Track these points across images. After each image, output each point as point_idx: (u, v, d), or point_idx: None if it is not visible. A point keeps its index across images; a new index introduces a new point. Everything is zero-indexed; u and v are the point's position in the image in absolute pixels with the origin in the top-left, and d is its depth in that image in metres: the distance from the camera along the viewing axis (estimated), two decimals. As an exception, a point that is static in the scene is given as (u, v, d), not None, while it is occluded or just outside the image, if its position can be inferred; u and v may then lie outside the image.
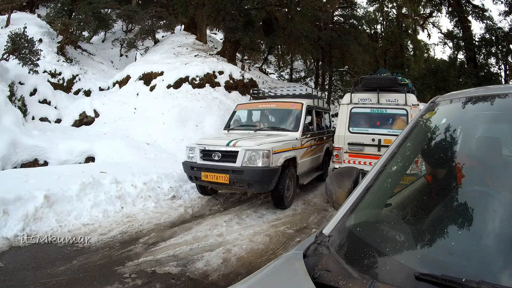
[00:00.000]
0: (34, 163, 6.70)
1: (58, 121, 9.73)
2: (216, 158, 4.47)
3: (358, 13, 19.60)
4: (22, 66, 8.94)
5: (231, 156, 4.37)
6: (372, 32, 23.89)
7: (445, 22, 70.77)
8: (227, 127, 6.03)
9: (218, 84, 11.08)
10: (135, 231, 3.66)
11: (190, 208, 4.53)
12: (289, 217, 4.34)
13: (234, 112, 6.24)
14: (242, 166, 4.25)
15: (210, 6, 12.76)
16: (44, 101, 9.84)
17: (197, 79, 10.79)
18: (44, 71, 10.64)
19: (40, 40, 11.05)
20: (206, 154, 4.59)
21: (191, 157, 4.74)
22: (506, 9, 15.56)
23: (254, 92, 7.37)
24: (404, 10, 22.23)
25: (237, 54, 16.02)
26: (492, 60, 17.17)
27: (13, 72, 9.12)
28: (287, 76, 23.30)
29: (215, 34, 23.55)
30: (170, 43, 14.58)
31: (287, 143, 4.72)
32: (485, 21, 16.46)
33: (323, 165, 6.79)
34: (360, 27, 19.48)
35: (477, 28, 64.15)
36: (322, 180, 6.53)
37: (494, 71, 16.81)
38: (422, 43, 23.87)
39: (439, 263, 0.77)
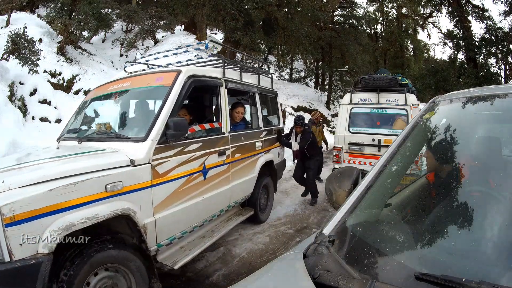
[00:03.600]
0: (34, 163, 6.70)
1: (58, 121, 9.74)
2: None
3: (358, 13, 19.63)
4: (22, 66, 8.94)
5: None
6: (372, 32, 23.90)
7: (445, 22, 70.71)
8: (62, 135, 2.98)
9: (218, 84, 11.07)
10: (135, 231, 3.65)
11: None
12: (289, 217, 4.34)
13: (84, 103, 3.30)
14: None
15: (210, 6, 12.78)
16: (44, 101, 9.86)
17: (197, 79, 10.81)
18: (44, 71, 10.65)
19: (40, 40, 11.05)
20: None
21: None
22: (506, 9, 15.59)
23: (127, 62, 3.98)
24: (404, 10, 22.27)
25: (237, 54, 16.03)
26: (492, 60, 17.21)
27: (13, 72, 9.13)
28: (287, 76, 23.33)
29: (215, 34, 23.56)
30: (170, 43, 14.59)
31: (83, 183, 1.81)
32: (485, 21, 16.50)
33: (258, 194, 3.82)
34: (360, 27, 19.50)
35: (477, 28, 64.13)
36: (255, 222, 3.90)
37: (494, 71, 16.84)
38: (422, 43, 23.92)
39: (439, 263, 0.77)
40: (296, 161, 5.12)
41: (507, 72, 17.78)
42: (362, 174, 1.27)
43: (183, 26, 18.55)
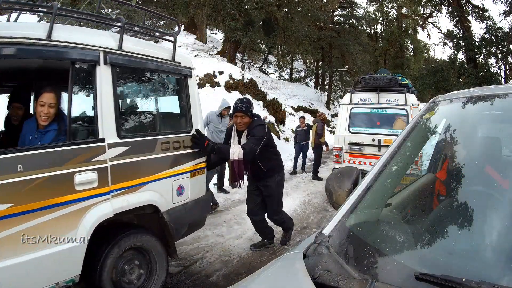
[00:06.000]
0: (34, 163, 6.69)
1: (58, 121, 9.75)
2: None
3: (358, 13, 19.69)
4: (22, 66, 8.94)
5: None
6: (372, 32, 23.93)
7: (445, 22, 70.68)
8: None
9: (218, 84, 11.08)
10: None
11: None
12: (289, 217, 4.34)
13: None
14: None
15: (210, 6, 12.81)
16: (44, 101, 9.87)
17: (197, 79, 10.81)
18: (44, 71, 10.67)
19: (40, 40, 11.07)
20: None
21: None
22: (506, 9, 15.62)
23: None
24: (404, 10, 22.29)
25: (237, 54, 16.05)
26: (492, 60, 17.24)
27: (13, 72, 9.14)
28: (287, 76, 23.35)
29: (215, 34, 23.55)
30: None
31: None
32: (485, 21, 16.53)
33: (105, 271, 1.81)
34: (360, 27, 19.57)
35: (477, 28, 64.08)
36: None
37: (494, 71, 16.86)
38: (422, 43, 23.93)
39: (439, 263, 0.77)
40: (238, 184, 2.81)
41: (507, 72, 17.80)
42: (362, 174, 1.27)
43: (183, 26, 18.58)
